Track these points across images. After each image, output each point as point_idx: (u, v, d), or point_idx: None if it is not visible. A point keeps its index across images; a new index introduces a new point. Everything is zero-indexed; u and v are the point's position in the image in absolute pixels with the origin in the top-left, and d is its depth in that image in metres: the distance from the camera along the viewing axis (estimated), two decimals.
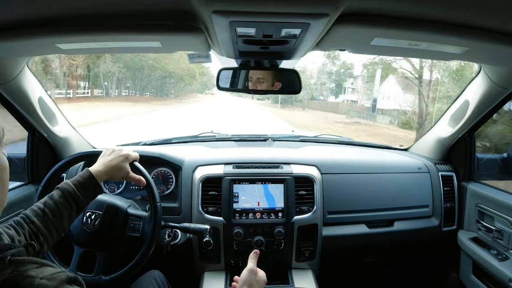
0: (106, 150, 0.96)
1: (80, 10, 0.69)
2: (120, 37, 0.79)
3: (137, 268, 1.00)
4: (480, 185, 1.43)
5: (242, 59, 1.06)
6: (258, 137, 1.78)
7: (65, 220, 0.80)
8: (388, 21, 0.69)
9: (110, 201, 1.07)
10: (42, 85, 1.21)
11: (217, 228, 1.25)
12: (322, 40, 0.81)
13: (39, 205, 0.78)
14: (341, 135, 1.89)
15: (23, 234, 0.71)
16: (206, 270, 1.31)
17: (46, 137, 1.31)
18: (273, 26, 0.69)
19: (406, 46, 0.82)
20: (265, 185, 1.29)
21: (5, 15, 0.69)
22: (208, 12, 0.62)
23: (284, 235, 1.26)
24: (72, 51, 0.92)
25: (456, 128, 1.41)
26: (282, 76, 1.11)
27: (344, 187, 1.40)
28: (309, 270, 1.32)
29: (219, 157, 1.44)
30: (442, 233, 1.46)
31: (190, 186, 1.33)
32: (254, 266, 0.89)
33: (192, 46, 0.93)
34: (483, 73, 1.18)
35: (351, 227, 1.38)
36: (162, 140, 1.71)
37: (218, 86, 1.11)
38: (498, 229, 1.27)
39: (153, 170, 1.42)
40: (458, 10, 0.66)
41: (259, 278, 0.87)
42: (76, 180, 0.84)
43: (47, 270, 0.49)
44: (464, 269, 1.44)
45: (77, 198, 0.81)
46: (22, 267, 0.47)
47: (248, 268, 0.88)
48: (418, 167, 1.50)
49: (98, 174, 0.87)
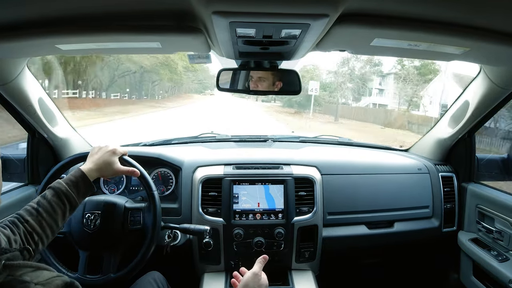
0: (93, 148, 0.97)
1: (80, 10, 0.69)
2: (120, 38, 0.79)
3: (145, 260, 1.00)
4: (480, 186, 1.42)
5: (242, 59, 1.06)
6: (258, 138, 1.78)
7: (59, 218, 0.80)
8: (388, 22, 0.69)
9: (107, 199, 1.07)
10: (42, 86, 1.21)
11: (217, 229, 1.25)
12: (322, 40, 0.81)
13: (32, 204, 0.79)
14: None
15: (18, 234, 0.71)
16: (206, 271, 1.30)
17: (46, 138, 1.31)
18: (273, 27, 0.69)
19: (406, 46, 0.82)
20: (265, 186, 1.29)
21: (5, 16, 0.69)
22: (208, 12, 0.62)
23: (284, 236, 1.25)
24: (72, 52, 0.92)
25: (456, 129, 1.41)
26: (282, 77, 1.11)
27: (344, 188, 1.40)
28: (309, 271, 1.32)
29: (219, 158, 1.44)
30: (442, 234, 1.46)
31: (190, 187, 1.33)
32: (259, 270, 0.89)
33: (192, 47, 0.93)
34: (483, 74, 1.18)
35: (351, 228, 1.38)
36: (162, 140, 1.71)
37: (218, 87, 1.11)
38: (498, 230, 1.27)
39: (153, 171, 1.42)
40: (458, 10, 0.66)
41: (261, 283, 0.88)
42: (68, 179, 0.85)
43: (43, 275, 0.48)
44: (465, 270, 1.44)
45: (69, 196, 0.82)
46: (18, 271, 0.47)
47: (253, 271, 0.88)
48: (418, 168, 1.50)
49: (89, 172, 0.88)
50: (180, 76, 21.34)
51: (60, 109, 1.35)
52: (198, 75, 26.17)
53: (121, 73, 17.12)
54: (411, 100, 15.64)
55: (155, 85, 21.03)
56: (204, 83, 28.46)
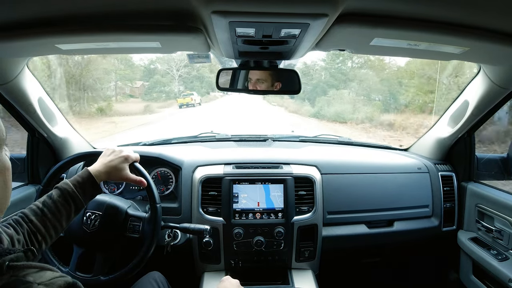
0: (107, 150, 0.96)
1: (80, 10, 0.70)
2: (120, 37, 0.79)
3: (136, 270, 1.00)
4: (480, 185, 1.43)
5: (241, 59, 1.06)
6: (258, 137, 1.78)
7: (63, 219, 0.80)
8: (387, 21, 0.70)
9: (110, 201, 1.07)
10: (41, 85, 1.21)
11: (217, 229, 1.25)
12: (322, 40, 0.81)
13: (37, 204, 0.79)
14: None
15: (22, 233, 0.71)
16: (206, 270, 1.31)
17: (46, 137, 1.31)
18: (273, 26, 0.70)
19: (406, 46, 0.83)
20: (265, 185, 1.29)
21: (5, 15, 0.69)
22: (207, 12, 0.62)
23: (284, 236, 1.26)
24: (72, 52, 0.92)
25: (456, 128, 1.41)
26: (282, 76, 1.11)
27: (344, 187, 1.40)
28: (309, 270, 1.32)
29: (219, 157, 1.44)
30: (442, 233, 1.46)
31: (190, 187, 1.33)
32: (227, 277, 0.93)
33: (192, 47, 0.93)
34: (482, 73, 1.18)
35: (351, 227, 1.38)
36: (162, 140, 1.71)
37: (217, 87, 1.11)
38: (498, 229, 1.27)
39: (152, 171, 1.42)
40: (458, 10, 0.66)
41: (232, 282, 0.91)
42: (75, 180, 0.84)
43: (46, 275, 0.48)
44: (464, 269, 1.44)
45: (75, 198, 0.81)
46: (21, 272, 0.47)
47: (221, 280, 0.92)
48: (418, 167, 1.51)
49: (97, 174, 0.87)
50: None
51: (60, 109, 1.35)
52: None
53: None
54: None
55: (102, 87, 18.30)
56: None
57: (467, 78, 1.40)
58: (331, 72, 15.03)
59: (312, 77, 15.62)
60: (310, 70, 16.11)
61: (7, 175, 0.59)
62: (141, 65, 17.30)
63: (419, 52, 0.89)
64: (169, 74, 17.87)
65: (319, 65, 15.61)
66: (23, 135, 1.32)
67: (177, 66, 17.63)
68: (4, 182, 0.58)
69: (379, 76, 12.99)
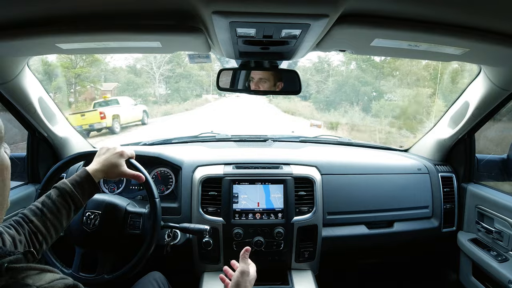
0: (101, 149, 0.96)
1: (81, 10, 0.70)
2: (120, 37, 0.79)
3: (139, 266, 1.00)
4: (480, 186, 1.43)
5: (242, 59, 1.06)
6: (258, 138, 1.78)
7: (63, 219, 0.80)
8: (388, 22, 0.70)
9: (109, 200, 1.07)
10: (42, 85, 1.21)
11: (217, 229, 1.25)
12: (322, 40, 0.81)
13: (37, 204, 0.79)
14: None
15: (23, 234, 0.71)
16: (205, 270, 1.31)
17: (46, 137, 1.31)
18: (273, 27, 0.70)
19: (406, 47, 0.83)
20: (265, 185, 1.29)
21: (5, 14, 0.69)
22: (208, 12, 0.62)
23: (284, 236, 1.26)
24: (72, 51, 0.92)
25: (456, 129, 1.41)
26: (283, 77, 1.11)
27: (344, 188, 1.40)
28: (309, 271, 1.32)
29: (219, 157, 1.44)
30: (441, 234, 1.46)
31: (190, 187, 1.33)
32: (246, 267, 0.89)
33: (192, 47, 0.93)
34: (483, 74, 1.18)
35: (351, 228, 1.38)
36: (162, 140, 1.71)
37: (218, 87, 1.11)
38: (497, 230, 1.27)
39: (152, 170, 1.42)
40: (458, 11, 0.66)
41: (251, 278, 0.88)
42: (73, 179, 0.85)
43: (46, 277, 0.47)
44: (464, 271, 1.44)
45: (74, 197, 0.82)
46: (21, 274, 0.46)
47: (240, 270, 0.88)
48: (418, 168, 1.50)
49: (94, 172, 0.87)
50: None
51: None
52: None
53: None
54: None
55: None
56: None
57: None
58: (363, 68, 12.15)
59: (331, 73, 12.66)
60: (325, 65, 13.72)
61: (5, 174, 0.58)
62: (109, 61, 13.30)
63: (420, 53, 0.89)
64: (148, 72, 14.14)
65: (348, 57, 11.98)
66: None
67: (157, 63, 14.19)
68: (3, 181, 0.57)
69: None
